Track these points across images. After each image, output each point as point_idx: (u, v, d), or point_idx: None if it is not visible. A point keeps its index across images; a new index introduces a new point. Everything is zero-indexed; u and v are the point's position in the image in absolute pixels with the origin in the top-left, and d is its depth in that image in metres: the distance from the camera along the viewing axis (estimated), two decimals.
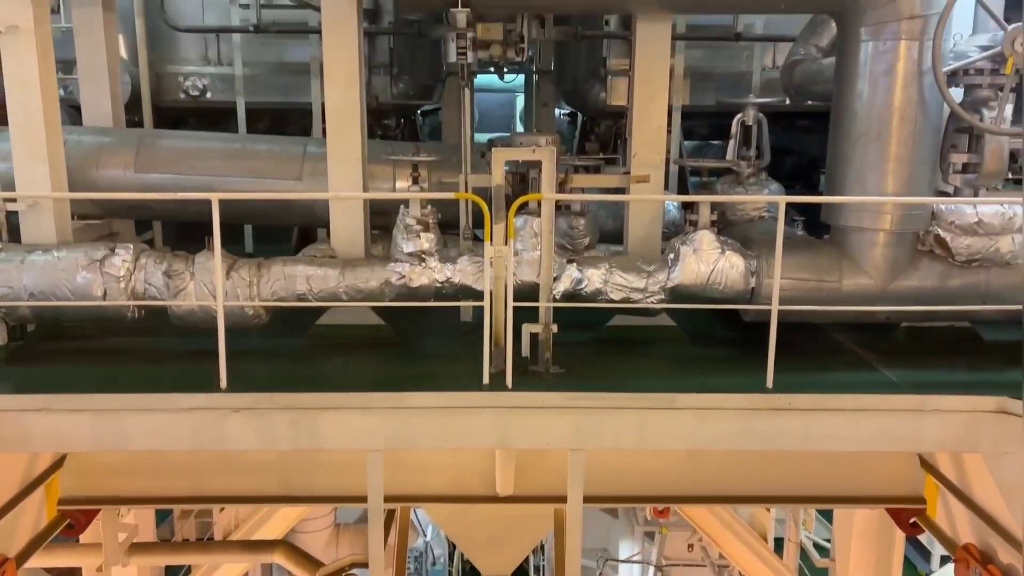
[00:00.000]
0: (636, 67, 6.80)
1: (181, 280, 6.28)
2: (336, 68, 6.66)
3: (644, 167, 6.83)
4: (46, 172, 6.65)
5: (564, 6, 7.06)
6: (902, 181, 6.21)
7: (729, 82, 10.13)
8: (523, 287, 6.12)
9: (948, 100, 6.01)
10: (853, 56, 6.24)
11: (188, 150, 7.38)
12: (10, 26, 6.40)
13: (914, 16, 5.92)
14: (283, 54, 10.11)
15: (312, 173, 7.16)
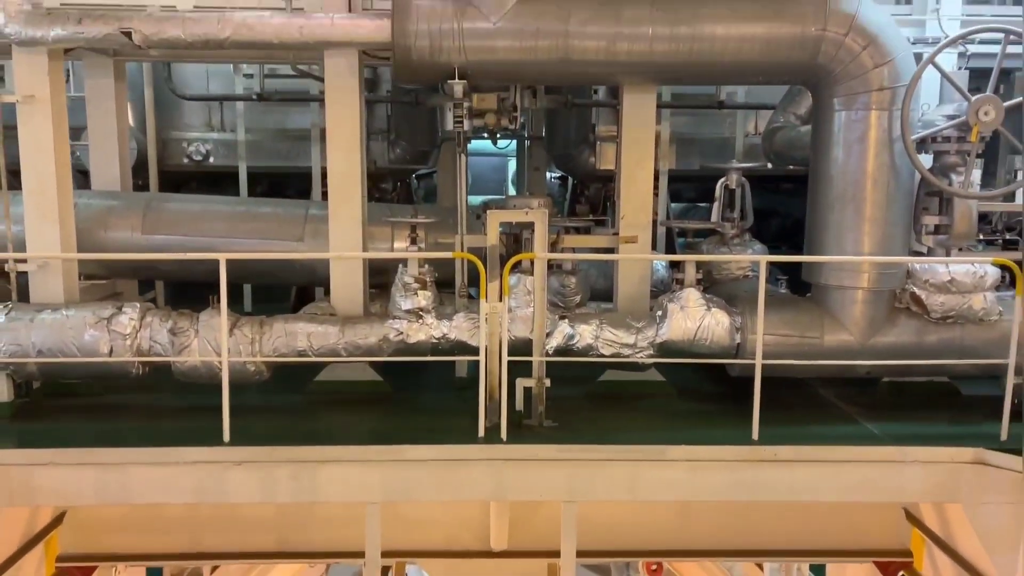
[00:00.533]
0: (623, 134, 7.17)
1: (185, 337, 6.49)
2: (339, 134, 7.00)
3: (632, 228, 7.13)
4: (56, 234, 6.91)
5: (555, 78, 7.44)
6: (877, 241, 6.53)
7: (713, 147, 10.56)
8: (517, 343, 6.34)
9: (917, 166, 6.37)
10: (828, 124, 6.62)
11: (194, 212, 7.67)
12: (27, 95, 6.74)
13: (883, 88, 6.32)
14: (284, 121, 10.50)
15: (314, 234, 7.44)
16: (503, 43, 6.45)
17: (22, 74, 6.76)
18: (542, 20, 6.38)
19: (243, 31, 6.41)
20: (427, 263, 6.69)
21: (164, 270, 7.84)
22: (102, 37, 6.44)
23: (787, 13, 6.33)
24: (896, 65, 6.31)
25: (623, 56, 6.47)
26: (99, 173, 8.12)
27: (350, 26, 6.50)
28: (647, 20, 6.37)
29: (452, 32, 6.35)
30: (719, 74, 7.55)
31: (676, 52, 6.39)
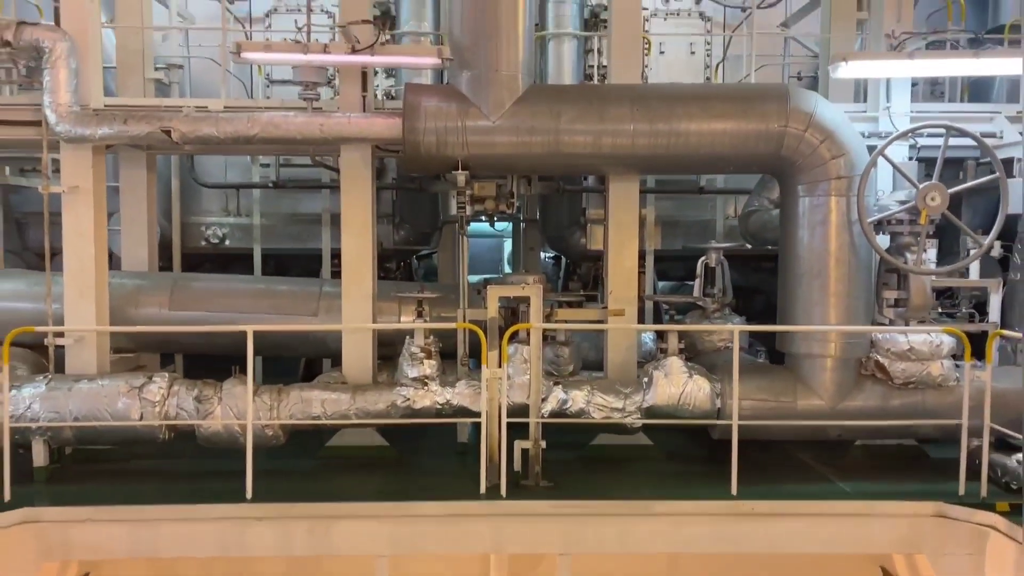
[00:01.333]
0: (610, 218, 7.91)
1: (210, 404, 7.06)
2: (352, 219, 7.74)
3: (619, 302, 7.80)
4: (92, 311, 7.56)
5: (548, 169, 8.22)
6: (842, 313, 7.20)
7: (696, 229, 11.28)
8: (515, 407, 6.91)
9: (874, 246, 7.09)
10: (793, 209, 7.37)
11: (217, 290, 8.33)
12: (72, 187, 7.49)
13: (840, 176, 7.09)
14: (296, 206, 11.22)
15: (327, 310, 8.08)
16: (501, 139, 7.24)
17: (68, 167, 7.52)
18: (536, 119, 7.20)
19: (270, 129, 7.21)
20: (432, 334, 7.32)
21: (188, 343, 8.42)
22: (144, 135, 7.24)
23: (753, 112, 7.15)
24: (851, 156, 7.10)
25: (608, 150, 7.27)
26: (129, 255, 8.79)
27: (365, 124, 7.30)
28: (628, 118, 7.19)
29: (456, 130, 7.14)
30: (694, 165, 8.36)
31: (655, 146, 7.20)
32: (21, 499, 6.32)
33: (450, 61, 7.20)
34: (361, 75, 7.54)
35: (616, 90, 7.60)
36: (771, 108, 7.11)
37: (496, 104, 7.15)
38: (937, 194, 6.95)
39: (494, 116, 7.16)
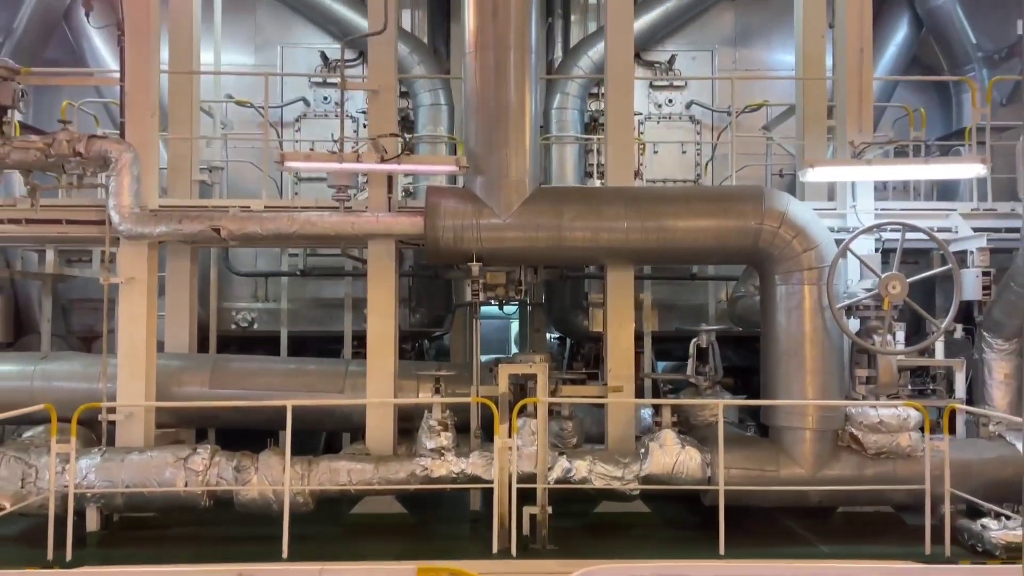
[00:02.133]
0: (608, 303, 8.81)
1: (247, 474, 7.82)
2: (377, 304, 8.64)
3: (618, 379, 8.61)
4: (142, 389, 8.39)
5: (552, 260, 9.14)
6: (818, 389, 7.99)
7: (691, 312, 12.12)
8: (523, 476, 7.64)
9: (843, 329, 7.94)
10: (771, 295, 8.26)
11: (253, 370, 9.17)
12: (129, 278, 8.43)
13: (811, 267, 7.99)
14: (320, 291, 12.14)
15: (352, 387, 8.89)
16: (511, 235, 8.20)
17: (126, 260, 8.48)
18: (541, 218, 8.17)
19: (307, 227, 8.19)
20: (448, 409, 8.11)
21: (224, 418, 9.19)
22: (196, 233, 8.22)
23: (732, 211, 8.12)
24: (821, 249, 8.02)
25: (604, 244, 8.22)
26: (172, 338, 9.66)
27: (392, 222, 8.29)
28: (622, 216, 8.16)
29: (472, 227, 8.11)
30: (682, 257, 9.29)
31: (646, 240, 8.15)
32: (79, 561, 7.03)
33: (466, 168, 8.22)
34: (387, 179, 8.56)
35: (611, 192, 8.62)
36: (748, 207, 8.08)
37: (506, 205, 8.14)
38: (897, 283, 7.84)
39: (505, 215, 8.14)
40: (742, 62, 12.78)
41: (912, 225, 7.95)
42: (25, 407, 7.75)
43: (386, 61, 8.71)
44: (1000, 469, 7.99)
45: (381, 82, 8.66)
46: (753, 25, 12.82)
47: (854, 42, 8.74)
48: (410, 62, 11.95)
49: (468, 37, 8.22)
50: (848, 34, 8.79)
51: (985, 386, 9.04)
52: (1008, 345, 8.94)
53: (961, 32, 11.97)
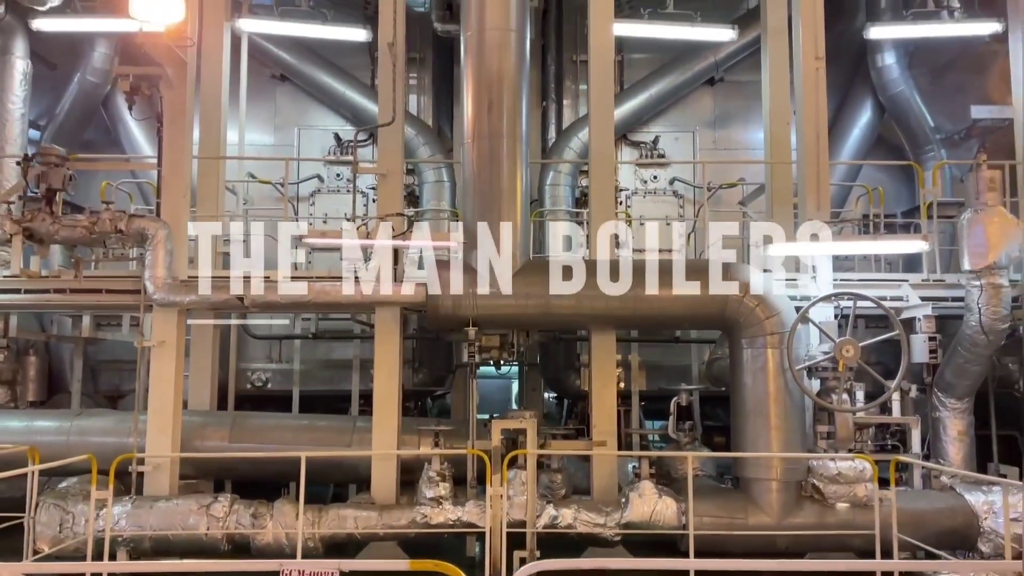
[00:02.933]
0: (592, 364, 9.68)
1: (263, 520, 8.62)
2: (383, 364, 9.53)
3: (602, 434, 9.43)
4: (168, 443, 9.24)
5: (541, 326, 10.06)
6: (781, 444, 8.79)
7: (676, 373, 12.98)
8: (514, 523, 8.41)
9: (803, 389, 8.80)
10: (739, 358, 9.13)
11: (269, 426, 10.02)
12: (161, 342, 9.36)
13: (773, 333, 8.88)
14: (330, 353, 13.06)
15: (359, 441, 9.71)
16: (504, 303, 9.11)
17: (158, 326, 9.43)
18: (531, 288, 9.11)
19: (322, 296, 9.15)
20: (446, 461, 8.92)
21: (241, 470, 9.99)
22: (222, 301, 9.18)
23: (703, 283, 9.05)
24: (781, 317, 8.92)
25: (588, 311, 9.15)
26: (195, 396, 10.54)
27: (398, 291, 9.23)
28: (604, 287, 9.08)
29: (469, 296, 9.04)
30: (658, 323, 10.22)
31: (625, 308, 9.07)
32: None
33: (464, 243, 9.20)
34: (394, 252, 9.54)
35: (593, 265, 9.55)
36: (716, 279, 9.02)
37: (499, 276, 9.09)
38: (851, 347, 8.71)
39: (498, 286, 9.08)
40: (721, 142, 13.92)
41: (862, 295, 8.87)
42: (62, 459, 8.59)
43: (394, 148, 9.79)
44: (950, 519, 8.74)
45: (389, 167, 9.73)
46: (730, 108, 13.99)
47: (811, 131, 9.79)
48: (416, 143, 13.10)
49: (467, 127, 9.29)
50: (806, 125, 9.85)
51: (941, 442, 9.83)
52: (960, 404, 9.76)
53: (920, 116, 13.10)
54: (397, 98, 9.62)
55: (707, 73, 13.67)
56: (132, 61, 11.98)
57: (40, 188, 9.14)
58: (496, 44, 9.10)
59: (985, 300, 9.05)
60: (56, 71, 12.79)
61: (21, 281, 9.46)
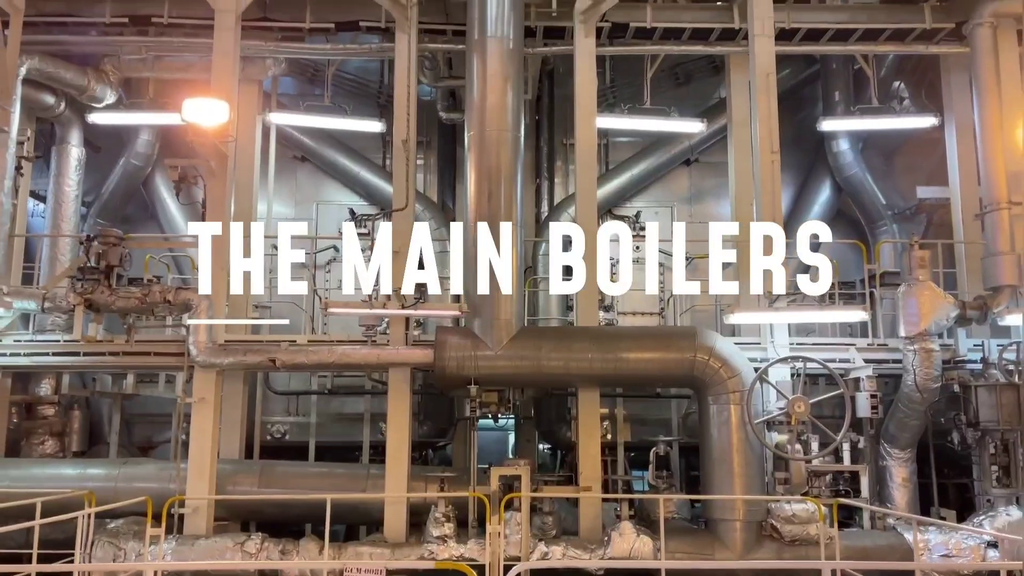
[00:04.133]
0: (579, 418, 11.01)
1: (291, 556, 9.85)
2: (395, 418, 10.85)
3: (588, 480, 10.71)
4: (206, 487, 10.50)
5: (534, 384, 11.41)
6: (743, 488, 10.08)
7: (658, 425, 14.24)
8: (510, 558, 9.63)
9: (761, 440, 10.12)
10: (706, 412, 10.47)
11: (294, 473, 11.30)
12: (200, 398, 10.69)
13: (735, 391, 10.23)
14: (343, 407, 14.32)
15: (373, 487, 10.96)
16: (501, 363, 10.48)
17: (199, 384, 10.76)
18: (524, 350, 10.49)
19: (343, 358, 10.53)
20: (451, 504, 10.19)
21: (269, 513, 11.19)
22: (256, 363, 10.54)
23: (672, 346, 10.45)
24: (742, 376, 10.29)
25: (574, 371, 10.52)
26: (226, 446, 11.80)
27: (409, 354, 10.62)
28: (588, 349, 10.49)
29: (471, 358, 10.41)
30: (635, 381, 11.58)
31: (606, 368, 10.45)
32: None
33: (467, 312, 10.61)
34: (405, 320, 10.94)
35: (579, 330, 11.00)
36: (685, 343, 10.42)
37: (497, 341, 10.47)
38: (801, 403, 10.07)
39: (496, 349, 10.46)
40: (696, 215, 15.44)
41: (809, 358, 10.27)
42: (111, 503, 9.84)
43: (406, 228, 11.24)
44: (890, 554, 9.98)
45: (401, 245, 11.17)
46: (704, 186, 15.57)
47: (768, 214, 11.26)
48: (423, 217, 14.56)
49: (469, 210, 10.77)
50: (764, 209, 11.32)
51: (888, 488, 11.12)
52: (903, 454, 11.07)
53: (873, 195, 14.64)
54: (409, 186, 11.14)
55: (684, 155, 15.26)
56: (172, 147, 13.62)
57: (100, 264, 10.55)
58: (495, 142, 10.65)
59: (919, 363, 10.44)
60: (100, 153, 14.32)
61: (80, 345, 10.82)
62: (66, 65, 11.96)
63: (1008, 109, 11.30)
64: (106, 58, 12.41)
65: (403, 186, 11.15)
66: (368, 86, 15.62)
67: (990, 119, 11.38)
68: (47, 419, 12.20)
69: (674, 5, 12.89)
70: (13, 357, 11.04)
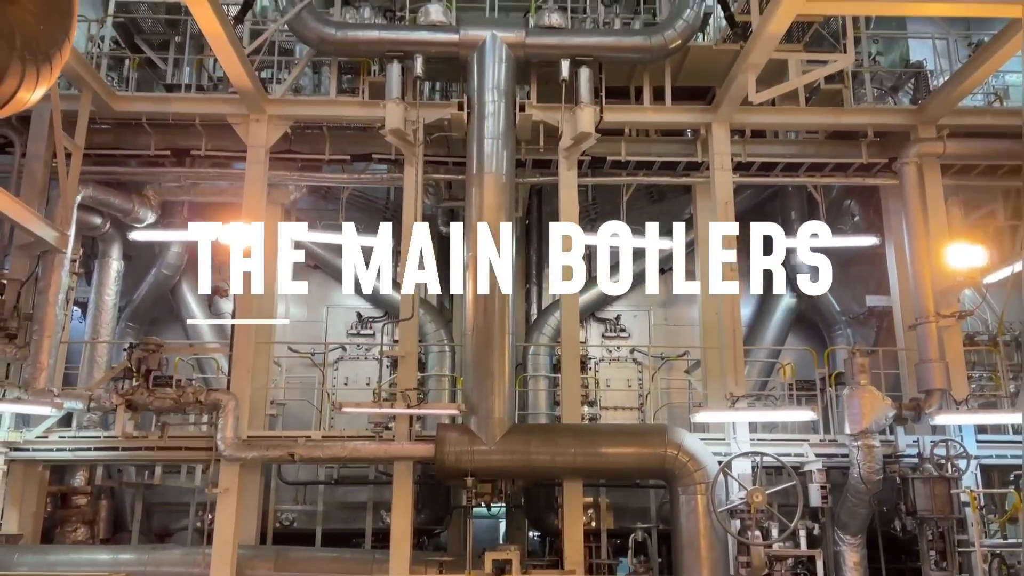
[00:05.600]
0: (564, 507, 12.29)
1: None
2: (399, 505, 12.12)
3: (572, 564, 11.93)
4: (228, 572, 11.66)
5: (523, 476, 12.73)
6: (710, 571, 11.34)
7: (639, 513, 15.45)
8: None
9: (724, 527, 11.43)
10: (676, 502, 11.80)
11: (307, 558, 12.47)
12: (225, 489, 11.96)
13: (702, 482, 11.60)
14: (347, 496, 15.52)
15: (378, 571, 12.13)
16: (495, 458, 11.84)
17: (224, 475, 12.04)
18: (515, 445, 11.87)
19: (354, 452, 11.89)
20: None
21: None
22: (276, 457, 11.87)
23: (646, 442, 11.87)
24: (707, 469, 11.67)
25: (559, 464, 11.89)
26: (243, 533, 12.97)
27: (412, 449, 11.98)
28: (571, 445, 11.89)
29: (468, 452, 11.77)
30: (613, 475, 12.93)
31: (587, 462, 11.83)
32: None
33: (464, 411, 12.02)
34: (410, 418, 12.33)
35: (563, 427, 12.41)
36: (656, 439, 11.84)
37: (491, 437, 11.85)
38: (759, 494, 11.43)
39: (490, 444, 11.83)
40: (671, 319, 17.04)
41: (765, 453, 11.69)
42: None
43: (411, 336, 12.77)
44: None
45: (407, 351, 12.67)
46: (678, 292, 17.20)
47: (729, 326, 12.85)
48: (424, 320, 16.10)
49: (468, 321, 12.30)
50: (725, 321, 12.91)
51: (842, 571, 12.35)
52: (854, 540, 12.35)
53: (829, 302, 16.32)
54: (415, 299, 12.72)
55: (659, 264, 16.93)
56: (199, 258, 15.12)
57: (140, 369, 11.98)
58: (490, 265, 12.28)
59: (862, 457, 11.85)
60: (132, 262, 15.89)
61: (120, 440, 12.15)
62: (115, 192, 13.64)
63: (934, 236, 13.07)
64: (148, 184, 14.13)
65: (409, 299, 12.72)
66: (375, 201, 17.39)
67: (919, 244, 13.14)
68: (80, 508, 13.39)
69: (646, 139, 14.81)
70: (59, 452, 12.33)
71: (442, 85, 16.07)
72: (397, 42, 13.04)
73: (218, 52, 11.56)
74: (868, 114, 13.94)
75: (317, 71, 15.50)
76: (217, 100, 13.55)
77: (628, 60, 13.48)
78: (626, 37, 13.42)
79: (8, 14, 6.33)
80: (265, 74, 15.03)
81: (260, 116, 13.21)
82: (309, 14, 13.02)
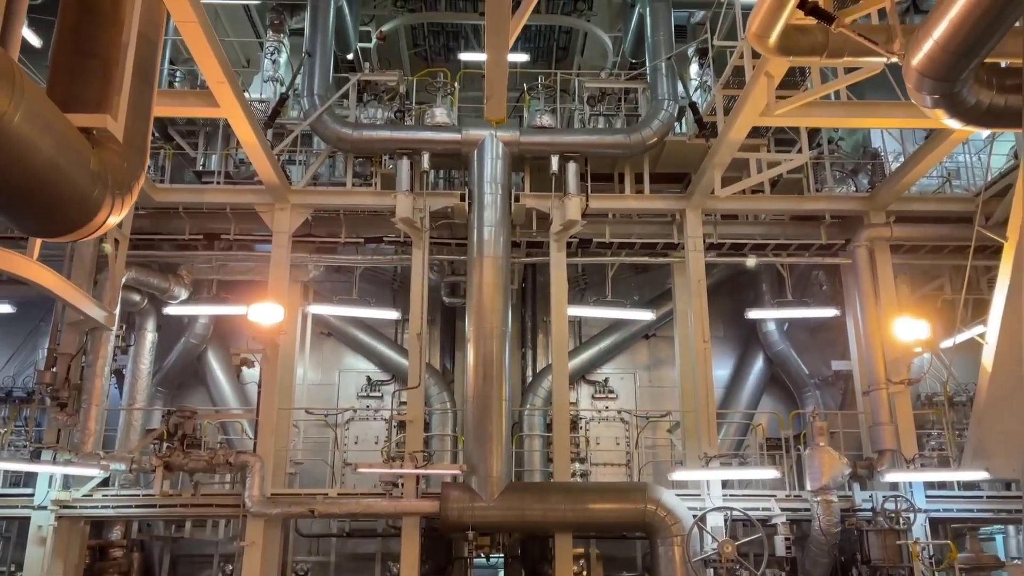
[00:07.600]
0: (556, 559, 13.64)
1: None
2: (407, 558, 13.47)
3: None
4: None
5: (520, 531, 14.11)
6: None
7: (626, 563, 16.79)
8: None
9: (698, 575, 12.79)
10: (656, 553, 13.17)
11: None
12: (252, 542, 13.32)
13: (678, 535, 12.98)
14: (357, 548, 16.84)
15: None
16: (493, 513, 13.24)
17: (250, 530, 13.42)
18: (511, 502, 13.28)
19: (367, 508, 13.29)
20: None
21: None
22: (298, 513, 13.26)
23: (628, 499, 13.29)
24: (683, 523, 13.07)
25: (551, 519, 13.29)
26: None
27: (420, 505, 13.39)
28: (562, 501, 13.30)
29: (469, 508, 13.18)
30: (599, 528, 14.31)
31: (576, 517, 13.23)
32: None
33: (465, 471, 13.45)
34: (417, 477, 13.74)
35: (554, 486, 13.82)
36: (637, 496, 13.26)
37: (490, 494, 13.27)
38: (729, 545, 12.81)
39: (489, 501, 13.24)
40: (655, 381, 18.55)
41: (734, 508, 13.10)
42: None
43: (418, 403, 14.26)
44: None
45: (414, 416, 14.15)
46: (661, 356, 18.74)
47: (703, 392, 14.36)
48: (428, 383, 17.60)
49: (469, 388, 13.80)
50: (699, 388, 14.43)
51: None
52: None
53: (798, 366, 17.84)
54: (422, 369, 14.24)
55: (643, 331, 18.50)
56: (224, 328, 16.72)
57: (177, 433, 13.43)
58: (489, 336, 13.83)
59: (822, 511, 13.26)
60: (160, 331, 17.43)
61: (158, 498, 13.54)
62: (154, 273, 15.24)
63: (884, 311, 14.68)
64: (181, 265, 15.76)
65: (416, 369, 14.25)
66: (383, 274, 19.01)
67: (870, 318, 14.74)
68: (116, 560, 14.70)
69: (628, 221, 16.48)
70: (103, 509, 13.70)
71: (446, 173, 17.83)
72: (407, 141, 14.80)
73: (251, 156, 13.28)
74: (825, 200, 15.66)
75: (331, 156, 17.25)
76: (245, 191, 15.25)
77: (610, 155, 15.22)
78: (608, 135, 15.18)
79: (103, 158, 7.88)
80: (284, 156, 16.76)
81: (284, 205, 14.90)
82: (328, 116, 14.80)
